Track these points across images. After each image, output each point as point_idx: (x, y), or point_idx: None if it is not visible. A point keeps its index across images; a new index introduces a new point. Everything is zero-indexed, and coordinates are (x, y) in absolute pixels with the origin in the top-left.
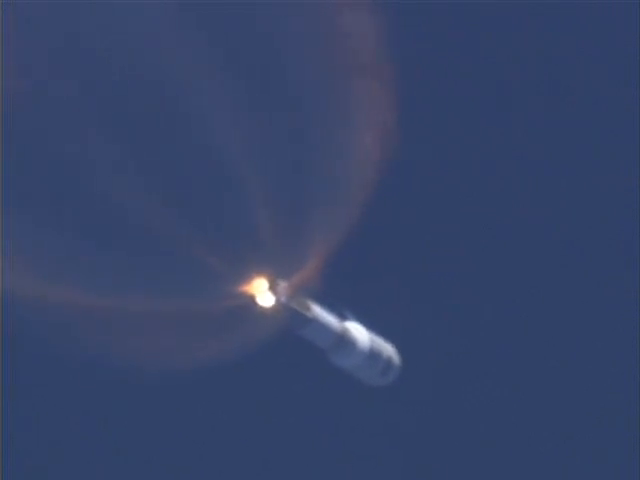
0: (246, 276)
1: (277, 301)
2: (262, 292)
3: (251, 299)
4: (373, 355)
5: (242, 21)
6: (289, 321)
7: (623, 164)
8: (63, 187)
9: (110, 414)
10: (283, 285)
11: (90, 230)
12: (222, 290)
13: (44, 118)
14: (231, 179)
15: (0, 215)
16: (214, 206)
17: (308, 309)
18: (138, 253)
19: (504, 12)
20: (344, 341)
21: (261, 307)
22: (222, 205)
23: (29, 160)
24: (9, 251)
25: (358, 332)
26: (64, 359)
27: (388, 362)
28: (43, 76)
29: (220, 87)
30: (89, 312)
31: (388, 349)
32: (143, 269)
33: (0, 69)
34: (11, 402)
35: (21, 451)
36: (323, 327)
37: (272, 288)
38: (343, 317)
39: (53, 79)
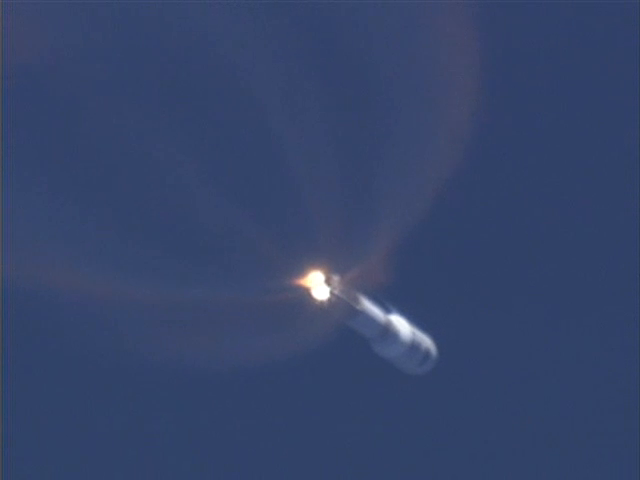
0: (303, 269)
1: (331, 294)
2: (318, 285)
3: (306, 292)
4: (413, 347)
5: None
6: (340, 313)
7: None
8: (126, 182)
9: (161, 409)
10: (337, 279)
11: (146, 224)
12: (278, 282)
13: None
14: (294, 172)
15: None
16: (274, 199)
17: (358, 302)
18: (195, 247)
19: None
20: (388, 333)
21: (315, 299)
22: (282, 198)
23: (92, 162)
24: (66, 245)
25: (401, 325)
26: (110, 352)
27: (426, 353)
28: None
29: (296, 84)
30: (145, 305)
31: (427, 341)
32: (199, 262)
33: (0, 69)
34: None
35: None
36: (370, 319)
37: (327, 281)
38: (387, 310)
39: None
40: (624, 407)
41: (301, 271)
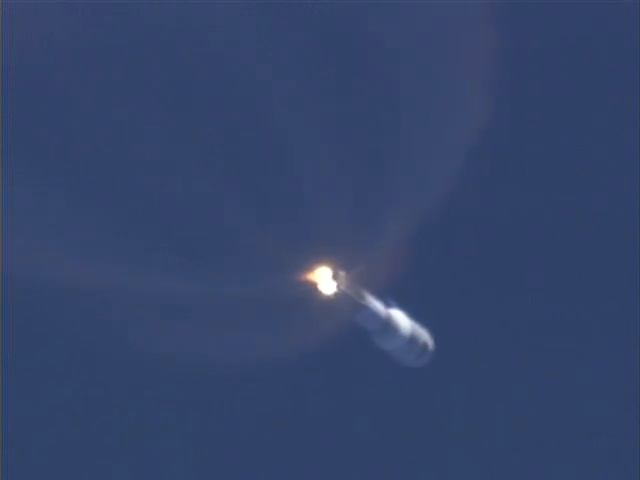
0: (310, 265)
1: (337, 289)
2: (324, 281)
3: (313, 287)
4: (412, 340)
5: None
6: (345, 307)
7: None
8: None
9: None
10: (343, 274)
11: (154, 221)
12: (286, 278)
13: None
14: (300, 169)
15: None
16: (282, 196)
17: (362, 297)
18: (203, 243)
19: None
20: (389, 326)
21: (322, 294)
22: (290, 195)
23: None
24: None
25: (400, 319)
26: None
27: (424, 347)
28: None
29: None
30: (151, 300)
31: (425, 335)
32: (207, 258)
33: (0, 69)
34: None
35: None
36: (373, 313)
37: (334, 277)
38: (388, 305)
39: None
40: (623, 405)
41: (308, 267)
